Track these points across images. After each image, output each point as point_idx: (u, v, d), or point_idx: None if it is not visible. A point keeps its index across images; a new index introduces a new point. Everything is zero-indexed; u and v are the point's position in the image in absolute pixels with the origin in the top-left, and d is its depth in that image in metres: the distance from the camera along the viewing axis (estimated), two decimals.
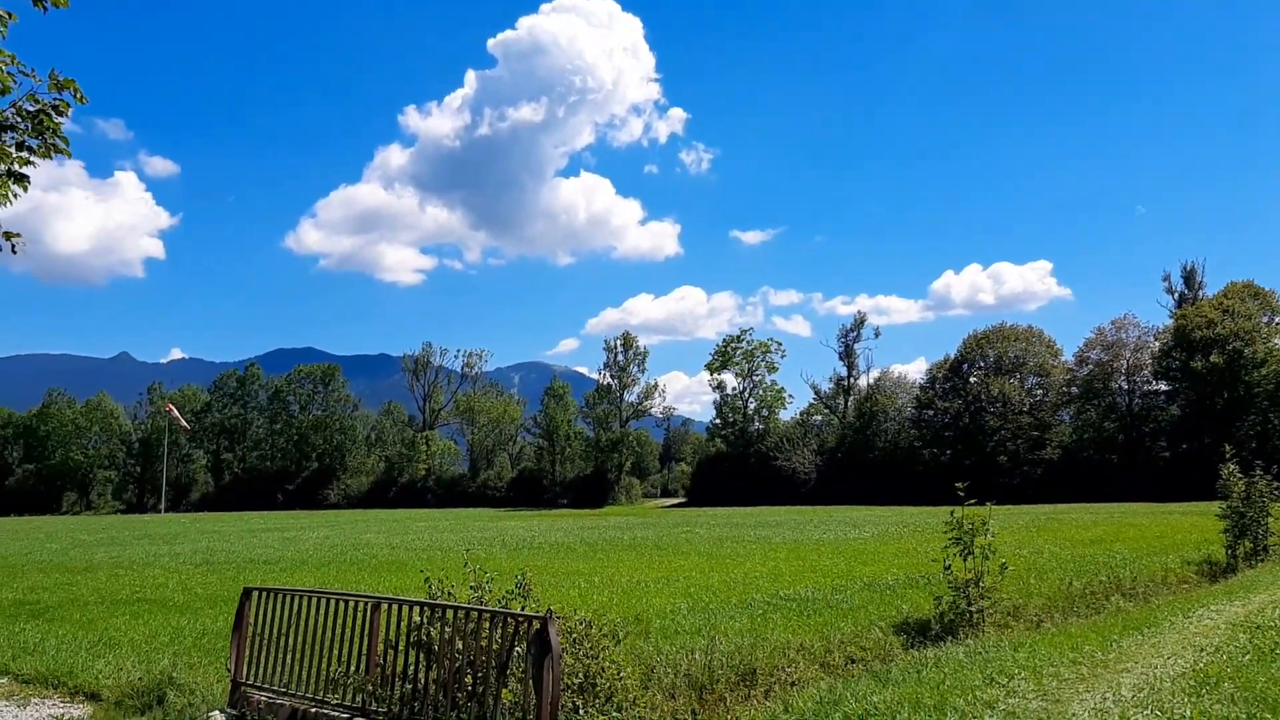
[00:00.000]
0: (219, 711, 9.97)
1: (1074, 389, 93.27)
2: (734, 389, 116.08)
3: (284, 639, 9.71)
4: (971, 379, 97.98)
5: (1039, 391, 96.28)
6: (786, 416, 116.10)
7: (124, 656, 13.37)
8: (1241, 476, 24.31)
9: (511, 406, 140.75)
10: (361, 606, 9.10)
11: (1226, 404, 79.76)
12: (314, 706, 9.06)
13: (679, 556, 29.89)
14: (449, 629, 8.30)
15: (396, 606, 8.91)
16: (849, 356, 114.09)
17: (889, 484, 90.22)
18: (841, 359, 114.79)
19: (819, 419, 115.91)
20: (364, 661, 8.90)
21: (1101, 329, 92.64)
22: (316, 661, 9.30)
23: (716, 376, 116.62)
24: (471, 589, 9.31)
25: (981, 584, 15.14)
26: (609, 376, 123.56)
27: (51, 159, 7.19)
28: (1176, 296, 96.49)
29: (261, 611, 10.08)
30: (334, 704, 8.98)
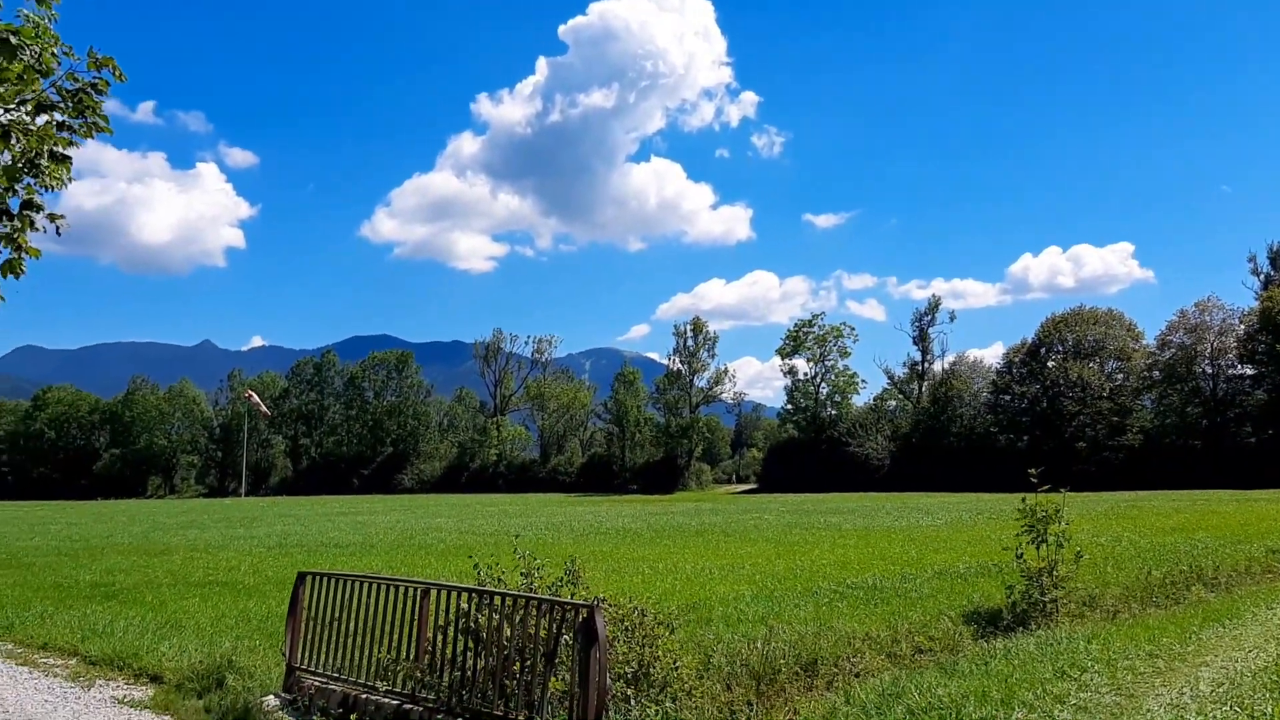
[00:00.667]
0: (273, 695, 9.94)
1: (1155, 373, 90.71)
2: (805, 374, 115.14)
3: (336, 624, 9.63)
4: (1049, 363, 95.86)
5: (1119, 376, 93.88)
6: (859, 402, 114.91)
7: (188, 639, 13.49)
8: None
9: (581, 392, 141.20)
10: (411, 592, 8.97)
11: None
12: (364, 692, 8.97)
13: (746, 543, 29.58)
14: (496, 616, 8.13)
15: (445, 592, 8.76)
16: (923, 341, 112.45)
17: (964, 470, 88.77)
18: (915, 343, 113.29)
19: (893, 404, 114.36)
20: (413, 648, 8.78)
21: (1184, 312, 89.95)
22: (367, 647, 9.21)
23: (788, 362, 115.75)
24: (522, 575, 9.14)
25: (1055, 573, 14.62)
26: (679, 362, 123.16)
27: (93, 138, 7.12)
28: (1262, 278, 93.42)
29: (315, 596, 10.02)
30: (383, 690, 8.87)
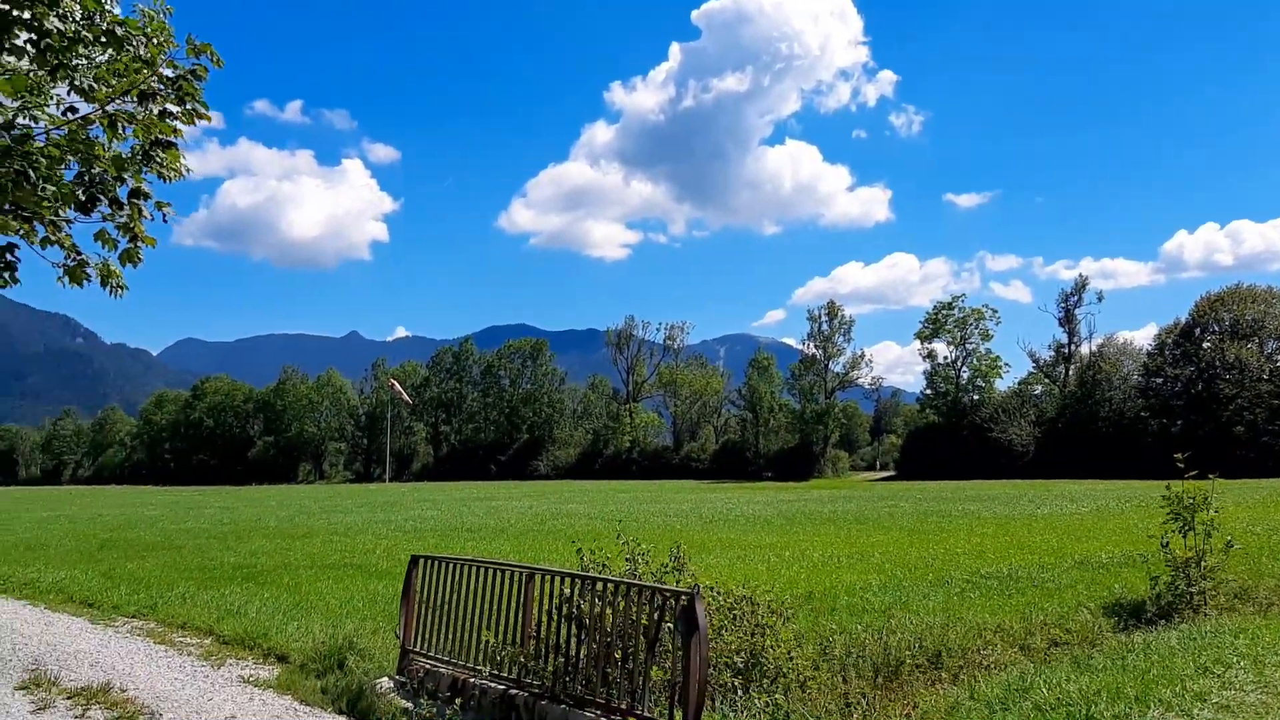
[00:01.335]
0: (387, 678, 10.02)
1: None
2: (946, 358, 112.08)
3: (446, 607, 9.64)
4: (1205, 344, 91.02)
5: None
6: (1003, 386, 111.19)
7: (315, 620, 13.80)
8: None
9: (714, 379, 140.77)
10: (517, 577, 8.89)
11: None
12: (472, 676, 8.94)
13: (878, 531, 28.94)
14: (599, 602, 7.98)
15: (549, 577, 8.66)
16: (1069, 322, 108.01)
17: (1113, 456, 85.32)
18: (1062, 325, 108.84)
19: (1038, 389, 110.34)
20: (519, 632, 8.70)
21: None
22: (476, 630, 9.18)
23: (927, 345, 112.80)
24: (626, 561, 8.98)
25: (1203, 563, 13.73)
26: (813, 347, 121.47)
27: (194, 125, 7.20)
28: None
29: (426, 579, 10.06)
30: (490, 674, 8.83)
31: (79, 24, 6.72)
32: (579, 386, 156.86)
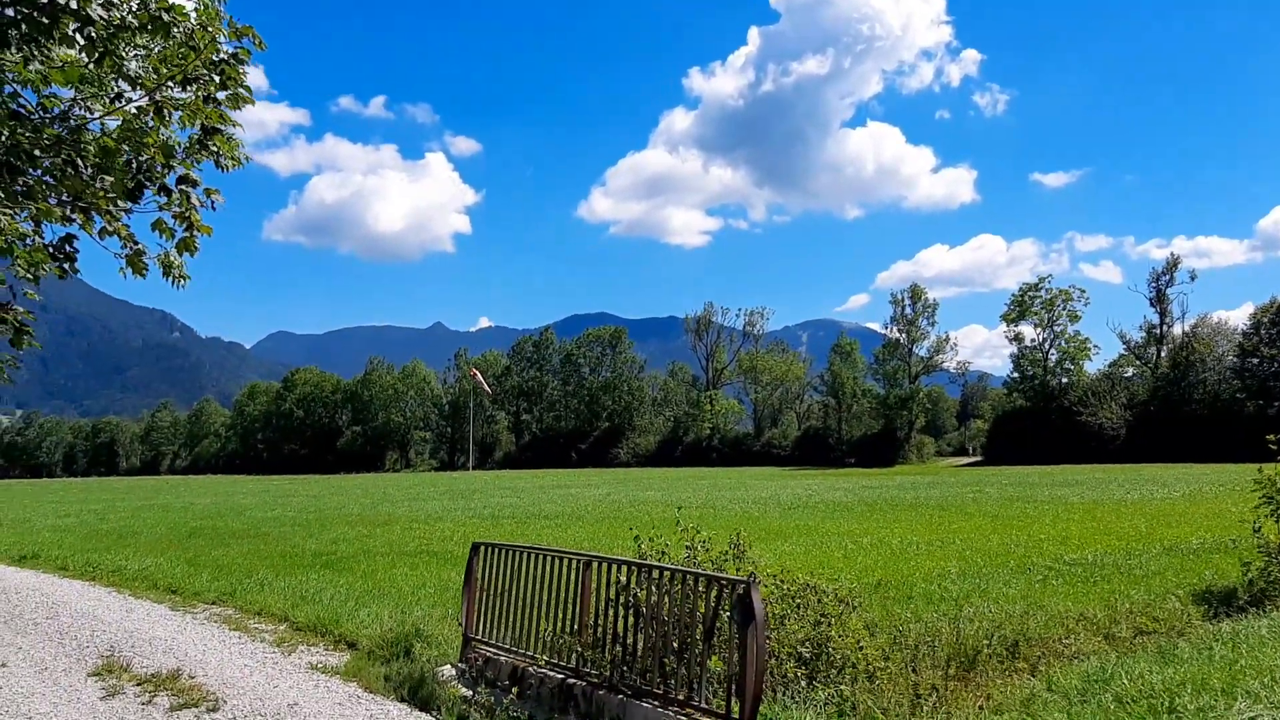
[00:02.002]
0: (449, 666, 9.96)
1: None
2: (1033, 340, 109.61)
3: (506, 595, 9.55)
4: None
5: None
6: (1092, 368, 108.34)
7: (385, 608, 13.84)
8: None
9: (795, 365, 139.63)
10: (574, 564, 8.75)
11: None
12: (531, 664, 8.83)
13: (961, 517, 28.33)
14: (655, 591, 7.79)
15: (606, 565, 8.49)
16: (1161, 303, 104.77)
17: (1207, 439, 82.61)
18: (1153, 306, 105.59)
19: (1130, 371, 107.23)
20: (577, 621, 8.56)
21: None
22: (535, 619, 9.07)
23: (1014, 328, 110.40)
24: (685, 549, 8.78)
25: None
26: (897, 331, 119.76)
27: (240, 110, 7.15)
28: None
29: (487, 566, 9.97)
30: (548, 663, 8.70)
31: (124, 10, 6.70)
32: (659, 374, 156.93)
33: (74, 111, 7.48)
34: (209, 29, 7.05)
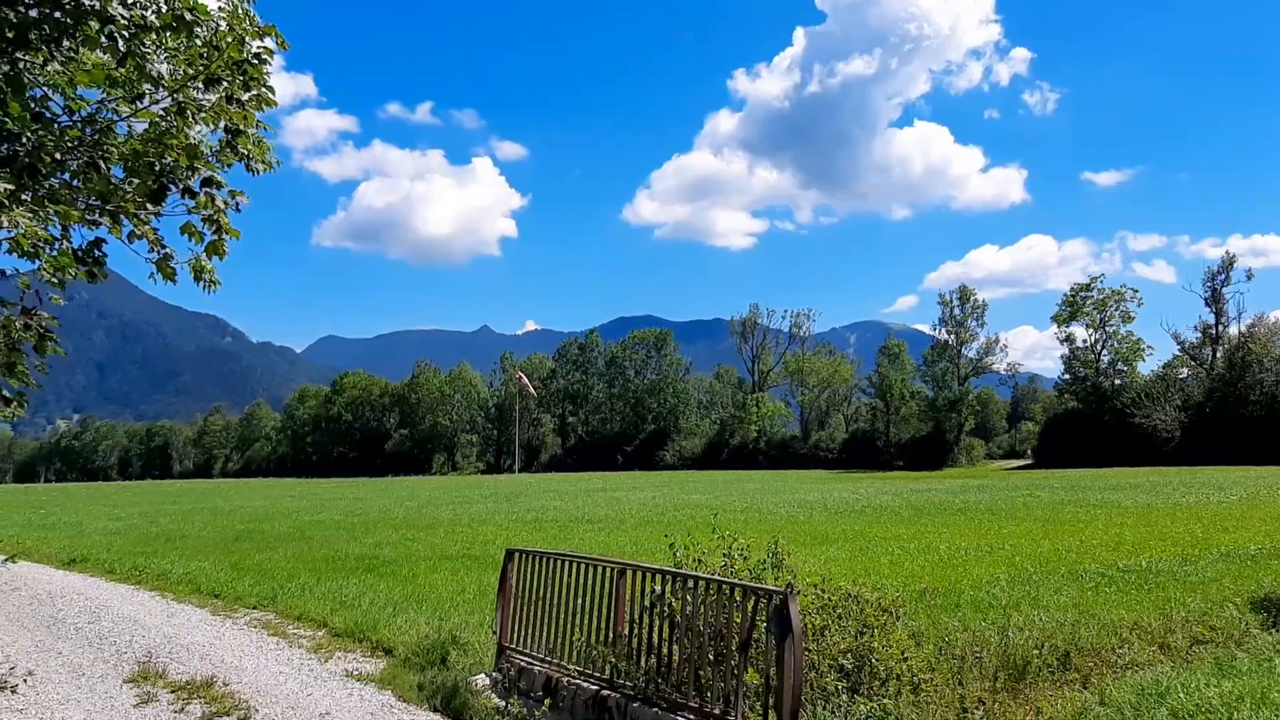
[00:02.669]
0: (484, 675, 9.79)
1: None
2: (1085, 342, 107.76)
3: (541, 603, 9.36)
4: None
5: None
6: (1146, 370, 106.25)
7: (423, 614, 13.71)
8: None
9: (843, 367, 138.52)
10: (608, 572, 8.54)
11: None
12: (564, 675, 8.63)
13: (1011, 522, 27.77)
14: (690, 600, 7.56)
15: (640, 573, 8.28)
16: (1217, 302, 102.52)
17: (1264, 441, 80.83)
18: (1208, 305, 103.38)
19: (1184, 372, 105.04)
20: (611, 630, 8.35)
21: None
22: (569, 627, 8.88)
23: (1065, 329, 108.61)
24: (723, 557, 8.54)
25: None
26: (945, 332, 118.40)
27: (262, 111, 7.04)
28: None
29: (522, 573, 9.80)
30: (581, 673, 8.50)
31: (146, 10, 6.60)
32: (705, 376, 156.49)
33: (100, 114, 7.43)
34: (235, 29, 6.96)
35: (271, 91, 6.96)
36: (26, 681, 10.54)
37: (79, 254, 7.62)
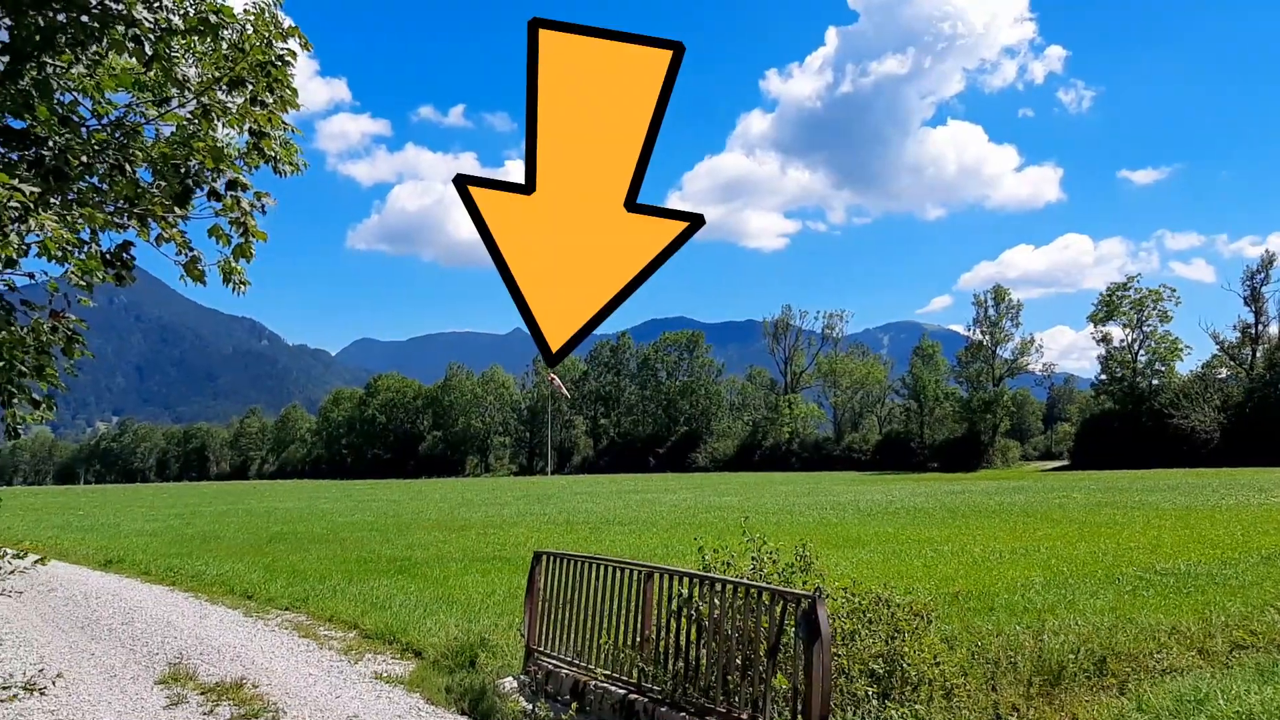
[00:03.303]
0: (511, 678, 9.75)
1: None
2: (1122, 341, 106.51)
3: (569, 606, 9.32)
4: None
5: None
6: (1184, 370, 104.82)
7: (452, 616, 13.70)
8: None
9: (876, 368, 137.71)
10: (636, 575, 8.48)
11: None
12: (592, 678, 8.57)
13: (1047, 524, 27.47)
14: (718, 604, 7.48)
15: (667, 577, 8.21)
16: (1256, 302, 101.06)
17: None
18: (1248, 305, 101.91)
19: (1224, 372, 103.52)
20: (638, 634, 8.29)
21: None
22: (596, 630, 8.83)
23: (1101, 329, 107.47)
24: (752, 559, 8.45)
25: None
26: (980, 333, 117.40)
27: (287, 113, 7.02)
28: None
29: (549, 576, 9.75)
30: (603, 676, 8.45)
31: (172, 13, 6.61)
32: (737, 378, 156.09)
33: (128, 118, 7.45)
34: (260, 31, 6.95)
35: (295, 93, 6.94)
36: (55, 683, 10.61)
37: (107, 257, 7.64)
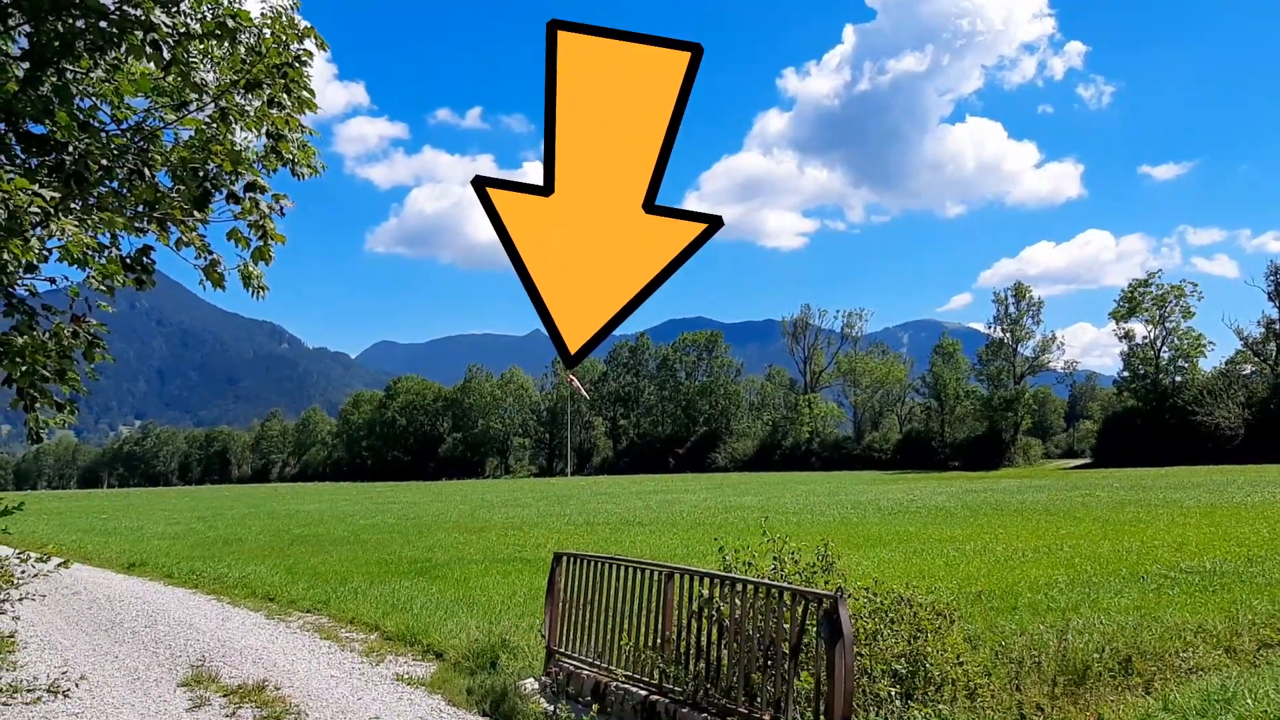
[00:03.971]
0: (533, 679, 9.74)
1: None
2: (1144, 338, 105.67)
3: (589, 607, 9.30)
4: None
5: None
6: (1207, 366, 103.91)
7: (473, 617, 13.71)
8: None
9: (896, 366, 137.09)
10: (656, 576, 8.46)
11: None
12: (613, 679, 8.55)
13: (1070, 522, 27.29)
14: (739, 605, 7.45)
15: (688, 577, 8.19)
16: None
17: None
18: (1271, 300, 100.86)
19: (1248, 368, 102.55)
20: (659, 634, 8.26)
21: None
22: (616, 631, 8.81)
23: (1123, 325, 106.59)
24: (773, 559, 8.41)
25: None
26: (1000, 330, 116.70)
27: (304, 114, 7.03)
28: None
29: (569, 577, 9.74)
30: (630, 678, 8.42)
31: (190, 18, 6.64)
32: (756, 378, 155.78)
33: (147, 122, 7.48)
34: (276, 33, 6.96)
35: (312, 95, 6.95)
36: (79, 686, 10.66)
37: (127, 261, 7.67)
